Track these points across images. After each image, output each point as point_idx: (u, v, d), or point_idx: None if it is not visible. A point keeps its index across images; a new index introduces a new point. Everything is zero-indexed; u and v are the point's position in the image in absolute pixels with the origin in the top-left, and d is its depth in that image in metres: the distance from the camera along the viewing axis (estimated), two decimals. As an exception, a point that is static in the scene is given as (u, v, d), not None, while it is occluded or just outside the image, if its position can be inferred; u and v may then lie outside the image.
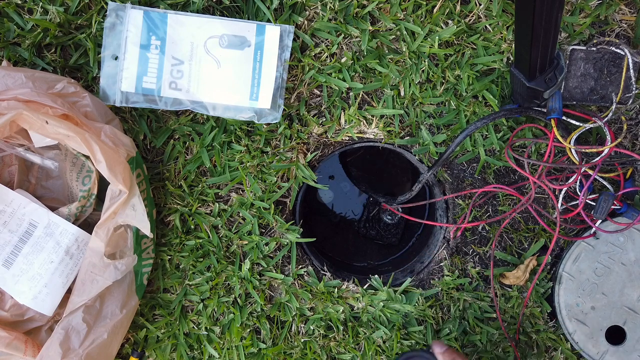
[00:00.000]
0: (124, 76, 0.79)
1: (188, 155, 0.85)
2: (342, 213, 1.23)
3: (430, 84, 0.83)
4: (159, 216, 0.86)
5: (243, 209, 0.86)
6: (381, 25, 0.81)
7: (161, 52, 0.79)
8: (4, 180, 0.79)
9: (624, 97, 0.78)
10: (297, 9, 0.81)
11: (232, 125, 0.83)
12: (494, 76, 0.82)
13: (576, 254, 0.85)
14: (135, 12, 0.78)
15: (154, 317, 0.89)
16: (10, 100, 0.67)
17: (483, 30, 0.81)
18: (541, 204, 0.87)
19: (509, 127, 0.84)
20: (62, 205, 0.78)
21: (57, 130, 0.66)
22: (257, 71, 0.80)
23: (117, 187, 0.69)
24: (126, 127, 0.82)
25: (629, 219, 0.83)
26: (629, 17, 0.80)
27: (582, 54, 0.77)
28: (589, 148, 0.74)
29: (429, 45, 0.80)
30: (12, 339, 0.70)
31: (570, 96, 0.79)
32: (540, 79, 0.70)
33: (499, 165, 0.86)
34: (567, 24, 0.80)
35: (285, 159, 0.85)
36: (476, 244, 0.89)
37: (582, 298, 0.85)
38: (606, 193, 0.79)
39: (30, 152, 0.79)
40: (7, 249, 0.74)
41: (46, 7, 0.78)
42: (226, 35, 0.79)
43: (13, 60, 0.79)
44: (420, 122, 0.84)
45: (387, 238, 1.16)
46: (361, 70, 0.82)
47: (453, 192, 0.88)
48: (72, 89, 0.73)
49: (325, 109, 0.85)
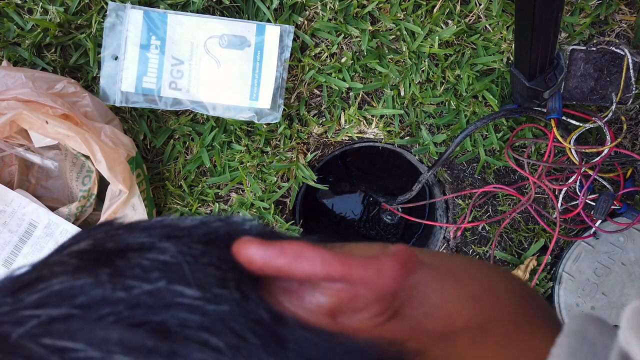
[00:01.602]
0: (124, 76, 0.79)
1: (188, 155, 0.85)
2: (342, 213, 1.23)
3: (430, 84, 0.83)
4: (159, 216, 0.86)
5: (243, 209, 0.86)
6: (381, 25, 0.81)
7: (161, 52, 0.79)
8: (4, 180, 0.79)
9: (624, 97, 0.78)
10: (297, 9, 0.81)
11: (232, 125, 0.83)
12: (494, 76, 0.82)
13: (576, 254, 0.85)
14: (135, 12, 0.78)
15: (154, 317, 0.89)
16: (10, 100, 0.67)
17: (483, 30, 0.81)
18: (541, 204, 0.87)
19: (509, 127, 0.84)
20: (62, 205, 0.78)
21: (57, 130, 0.66)
22: (257, 71, 0.80)
23: (117, 187, 0.69)
24: (126, 127, 0.82)
25: (629, 219, 0.82)
26: (629, 17, 0.80)
27: (582, 54, 0.77)
28: (589, 148, 0.74)
29: (429, 45, 0.80)
30: (12, 339, 0.70)
31: (570, 96, 0.79)
32: (540, 79, 0.70)
33: (499, 165, 0.86)
34: (567, 24, 0.80)
35: (285, 159, 0.85)
36: (476, 244, 0.89)
37: (582, 298, 0.85)
38: (606, 193, 0.79)
39: (30, 152, 0.79)
40: (7, 249, 0.74)
41: (46, 7, 0.78)
42: (226, 35, 0.79)
43: (13, 60, 0.79)
44: (420, 122, 0.85)
45: (387, 238, 1.16)
46: (361, 70, 0.82)
47: (453, 192, 0.88)
48: (72, 89, 0.73)
49: (325, 109, 0.85)
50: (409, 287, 0.25)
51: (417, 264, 0.24)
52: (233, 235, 0.23)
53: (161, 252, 0.21)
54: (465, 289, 0.27)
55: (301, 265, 0.21)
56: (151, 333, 0.19)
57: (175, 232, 0.23)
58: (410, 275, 0.23)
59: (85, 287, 0.20)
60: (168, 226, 0.23)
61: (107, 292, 0.20)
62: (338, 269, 0.21)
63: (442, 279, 0.26)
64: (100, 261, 0.21)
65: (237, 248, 0.22)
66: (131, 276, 0.20)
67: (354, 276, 0.21)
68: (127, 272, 0.20)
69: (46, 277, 0.21)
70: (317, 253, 0.21)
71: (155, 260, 0.21)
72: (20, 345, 0.18)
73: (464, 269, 0.29)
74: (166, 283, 0.20)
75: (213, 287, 0.20)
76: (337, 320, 0.22)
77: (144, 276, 0.20)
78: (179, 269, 0.21)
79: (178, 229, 0.23)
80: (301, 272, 0.21)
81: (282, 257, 0.21)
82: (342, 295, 0.22)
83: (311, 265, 0.21)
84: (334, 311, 0.22)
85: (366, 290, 0.22)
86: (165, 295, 0.20)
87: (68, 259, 0.22)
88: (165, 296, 0.20)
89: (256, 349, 0.19)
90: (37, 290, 0.20)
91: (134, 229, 0.23)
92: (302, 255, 0.21)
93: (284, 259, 0.21)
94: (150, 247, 0.22)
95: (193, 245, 0.22)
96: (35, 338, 0.18)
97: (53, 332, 0.19)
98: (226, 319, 0.19)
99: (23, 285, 0.21)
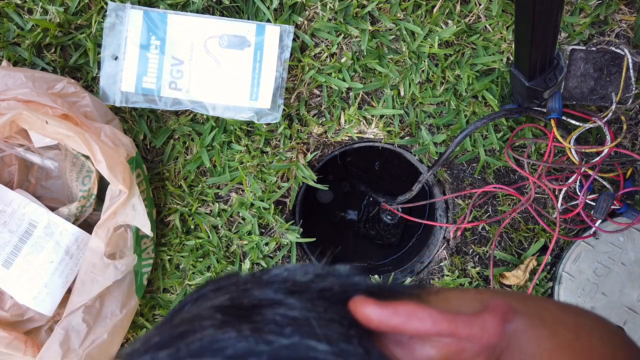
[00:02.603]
0: (123, 76, 0.79)
1: (188, 155, 0.85)
2: (342, 213, 1.23)
3: (430, 84, 0.83)
4: (159, 216, 0.86)
5: (243, 209, 0.86)
6: (381, 25, 0.81)
7: (161, 52, 0.79)
8: (4, 180, 0.79)
9: (623, 97, 0.78)
10: (297, 9, 0.81)
11: (232, 125, 0.83)
12: (494, 76, 0.82)
13: (576, 254, 0.85)
14: (135, 12, 0.78)
15: (153, 317, 0.89)
16: (10, 100, 0.67)
17: (483, 30, 0.81)
18: (541, 204, 0.87)
19: (509, 127, 0.84)
20: (62, 205, 0.77)
21: (57, 130, 0.66)
22: (257, 71, 0.80)
23: (117, 187, 0.69)
24: (126, 127, 0.82)
25: (629, 219, 0.82)
26: (629, 17, 0.80)
27: (582, 54, 0.77)
28: (589, 148, 0.74)
29: (429, 45, 0.80)
30: (12, 339, 0.70)
31: (570, 96, 0.79)
32: (540, 79, 0.70)
33: (498, 165, 0.86)
34: (567, 24, 0.80)
35: (285, 159, 0.85)
36: (476, 244, 0.89)
37: (582, 298, 0.85)
38: (606, 193, 0.79)
39: (30, 152, 0.79)
40: (7, 249, 0.73)
41: (46, 7, 0.77)
42: (226, 35, 0.79)
43: (13, 60, 0.79)
44: (420, 122, 0.84)
45: (387, 238, 1.16)
46: (361, 70, 0.82)
47: (453, 192, 0.88)
48: (72, 89, 0.73)
49: (325, 109, 0.85)
50: (509, 335, 0.27)
51: (514, 314, 0.27)
52: (347, 290, 0.26)
53: (290, 308, 0.24)
54: (559, 338, 0.29)
55: (414, 324, 0.24)
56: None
57: (296, 288, 0.26)
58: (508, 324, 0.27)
59: (232, 341, 0.22)
60: (288, 281, 0.26)
61: (252, 345, 0.22)
62: (446, 328, 0.24)
63: (537, 326, 0.28)
64: (241, 316, 0.24)
65: (354, 307, 0.25)
66: (269, 331, 0.23)
67: (461, 333, 0.24)
68: (265, 327, 0.23)
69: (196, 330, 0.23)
70: (427, 313, 0.24)
71: (286, 316, 0.24)
72: None
73: (556, 316, 0.31)
74: (300, 338, 0.22)
75: (339, 342, 0.23)
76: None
77: (279, 331, 0.23)
78: (309, 325, 0.23)
79: (297, 285, 0.26)
80: (413, 330, 0.24)
81: (396, 317, 0.24)
82: (450, 349, 0.25)
83: (422, 324, 0.24)
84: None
85: (471, 344, 0.25)
86: (301, 349, 0.22)
87: (213, 314, 0.24)
88: (301, 350, 0.22)
89: None
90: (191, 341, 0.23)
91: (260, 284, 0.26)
92: (414, 315, 0.24)
93: (398, 318, 0.24)
94: (280, 303, 0.24)
95: (316, 302, 0.25)
96: None
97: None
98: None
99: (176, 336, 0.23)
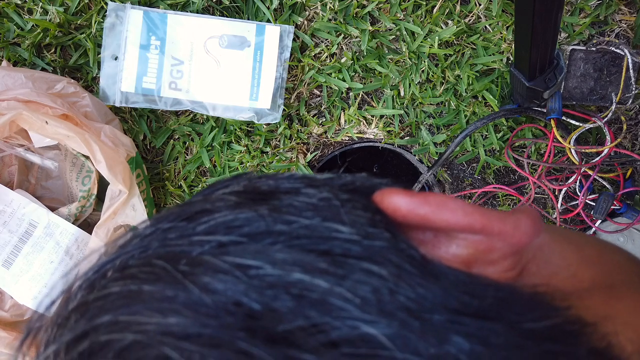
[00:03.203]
0: (123, 76, 0.79)
1: (188, 155, 0.85)
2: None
3: (430, 84, 0.83)
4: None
5: (243, 209, 0.86)
6: (381, 25, 0.81)
7: (161, 52, 0.79)
8: (3, 180, 0.79)
9: (623, 97, 0.78)
10: (297, 9, 0.81)
11: (232, 126, 0.83)
12: (494, 76, 0.82)
13: (576, 254, 0.85)
14: (135, 12, 0.78)
15: (153, 317, 0.88)
16: (10, 101, 0.67)
17: (483, 31, 0.81)
18: (541, 204, 0.87)
19: (509, 127, 0.84)
20: (62, 205, 0.77)
21: (57, 130, 0.66)
22: (257, 71, 0.80)
23: (117, 187, 0.69)
24: (126, 127, 0.82)
25: (629, 219, 0.82)
26: (629, 17, 0.80)
27: (581, 54, 0.77)
28: (589, 148, 0.74)
29: (429, 45, 0.80)
30: (12, 339, 0.70)
31: (570, 96, 0.79)
32: (540, 79, 0.70)
33: (498, 165, 0.86)
34: (567, 24, 0.80)
35: (285, 159, 0.85)
36: (476, 244, 0.89)
37: (582, 298, 0.85)
38: (606, 193, 0.79)
39: (30, 152, 0.79)
40: (7, 249, 0.73)
41: (46, 7, 0.77)
42: (226, 36, 0.79)
43: (13, 60, 0.79)
44: (420, 122, 0.85)
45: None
46: (361, 70, 0.82)
47: (453, 192, 0.88)
48: (72, 89, 0.73)
49: (325, 109, 0.85)
50: (535, 248, 0.26)
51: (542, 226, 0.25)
52: (371, 185, 0.24)
53: (309, 196, 0.22)
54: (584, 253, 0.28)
55: (444, 215, 0.22)
56: (322, 257, 0.20)
57: (315, 182, 0.24)
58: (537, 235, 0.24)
59: (249, 220, 0.21)
60: (307, 178, 0.25)
61: (270, 225, 0.21)
62: (479, 220, 0.22)
63: (563, 242, 0.27)
64: (257, 200, 0.22)
65: (381, 197, 0.23)
66: (288, 212, 0.21)
67: (493, 228, 0.22)
68: (284, 209, 0.22)
69: (210, 210, 0.22)
70: (459, 204, 0.22)
71: (305, 202, 0.22)
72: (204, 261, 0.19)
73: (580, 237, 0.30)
74: (321, 220, 0.21)
75: (365, 226, 0.21)
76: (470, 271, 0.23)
77: (299, 213, 0.21)
78: (331, 210, 0.22)
79: (316, 180, 0.24)
80: (444, 222, 0.22)
81: (426, 206, 0.22)
82: (478, 247, 0.23)
83: (454, 215, 0.22)
84: (469, 261, 0.23)
85: (502, 243, 0.23)
86: (322, 230, 0.21)
87: (227, 197, 0.23)
88: (323, 231, 0.21)
89: (415, 278, 0.20)
90: (203, 222, 0.21)
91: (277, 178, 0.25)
92: (446, 205, 0.22)
93: (428, 207, 0.22)
94: (298, 192, 0.23)
95: (337, 192, 0.23)
96: (216, 256, 0.20)
97: (231, 252, 0.20)
98: (383, 252, 0.20)
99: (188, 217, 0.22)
